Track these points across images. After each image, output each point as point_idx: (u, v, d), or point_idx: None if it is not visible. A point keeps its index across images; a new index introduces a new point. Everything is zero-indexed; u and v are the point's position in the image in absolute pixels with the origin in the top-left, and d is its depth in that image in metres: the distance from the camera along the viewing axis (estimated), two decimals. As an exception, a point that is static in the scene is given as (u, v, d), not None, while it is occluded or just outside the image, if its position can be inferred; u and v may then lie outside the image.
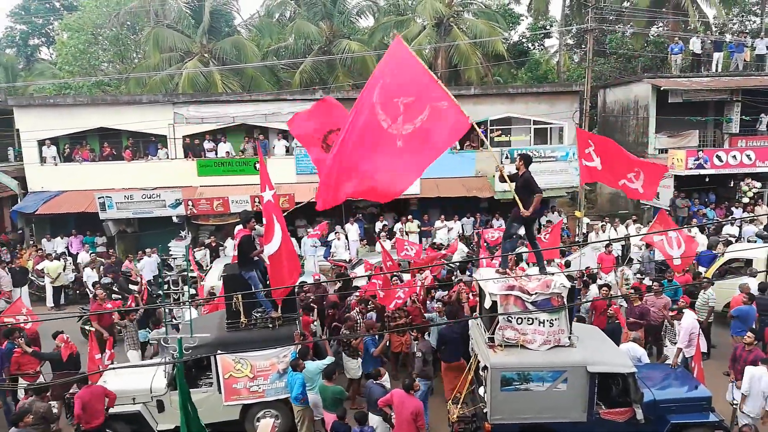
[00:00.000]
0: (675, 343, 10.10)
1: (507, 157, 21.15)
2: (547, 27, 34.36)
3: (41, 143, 20.79)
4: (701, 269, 14.37)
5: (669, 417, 8.22)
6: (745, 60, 22.77)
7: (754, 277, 12.10)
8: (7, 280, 15.45)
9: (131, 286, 14.85)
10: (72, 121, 20.79)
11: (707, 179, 20.40)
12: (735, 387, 8.86)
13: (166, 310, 11.40)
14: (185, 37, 26.29)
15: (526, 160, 8.54)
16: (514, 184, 8.46)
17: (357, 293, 11.90)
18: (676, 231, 11.65)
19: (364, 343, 9.90)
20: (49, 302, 16.45)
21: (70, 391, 9.45)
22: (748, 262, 13.30)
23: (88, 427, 8.50)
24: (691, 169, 19.59)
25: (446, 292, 11.89)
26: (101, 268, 16.18)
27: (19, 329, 10.36)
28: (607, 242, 15.42)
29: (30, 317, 11.46)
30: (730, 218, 18.18)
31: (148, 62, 27.11)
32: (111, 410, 9.03)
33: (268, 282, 9.39)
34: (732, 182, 20.49)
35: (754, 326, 10.21)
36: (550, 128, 22.18)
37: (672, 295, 11.83)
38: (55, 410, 8.70)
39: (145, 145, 21.70)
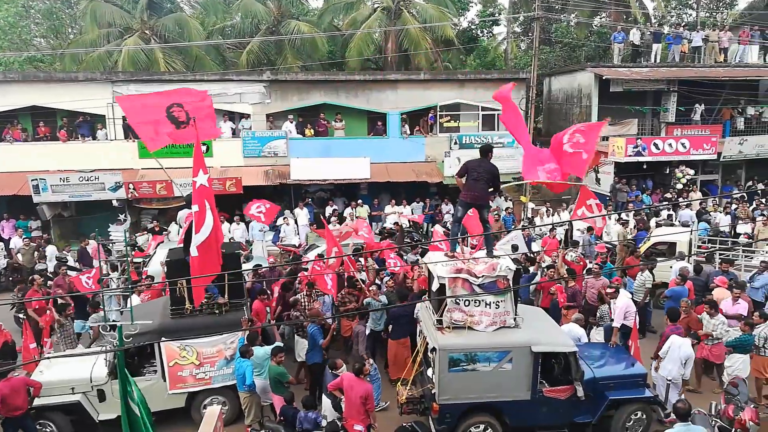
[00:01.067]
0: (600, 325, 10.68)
1: (456, 143, 21.41)
2: (496, 14, 34.74)
3: (-33, 122, 19.53)
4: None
5: (608, 393, 8.58)
6: (682, 51, 23.74)
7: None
8: None
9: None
10: (2, 98, 19.57)
11: (645, 166, 21.25)
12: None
13: (105, 297, 10.97)
14: (125, 13, 25.10)
15: (487, 150, 8.71)
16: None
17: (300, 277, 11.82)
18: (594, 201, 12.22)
19: (309, 332, 9.83)
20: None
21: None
22: (672, 246, 14.05)
23: (9, 415, 8.23)
24: (630, 156, 20.35)
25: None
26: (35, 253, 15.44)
27: None
28: (551, 226, 15.92)
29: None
30: (664, 203, 19.01)
31: (84, 38, 25.74)
32: (48, 401, 8.70)
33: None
34: (668, 169, 21.44)
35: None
36: (497, 115, 22.49)
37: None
38: None
39: (77, 125, 20.63)
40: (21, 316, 11.76)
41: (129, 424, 6.16)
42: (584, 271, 12.42)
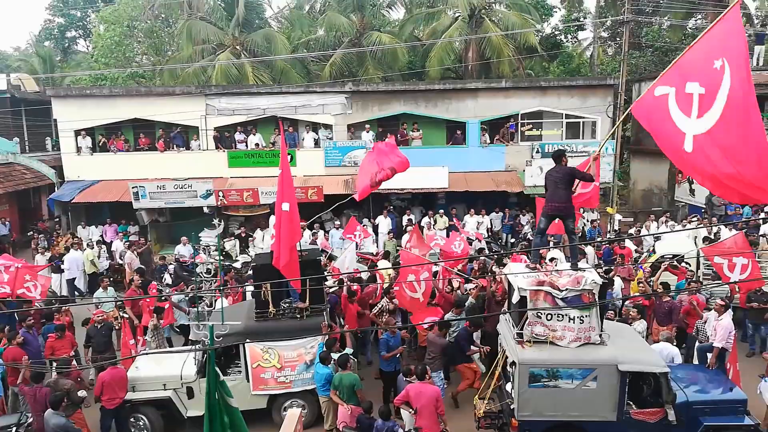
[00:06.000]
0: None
1: (537, 152, 20.88)
2: (581, 19, 33.71)
3: (77, 133, 21.30)
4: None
5: (702, 419, 8.02)
6: (788, 53, 22.00)
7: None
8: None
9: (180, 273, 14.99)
10: (107, 111, 21.23)
11: (747, 176, 19.75)
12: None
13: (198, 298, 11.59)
14: (218, 30, 26.57)
15: (560, 155, 8.47)
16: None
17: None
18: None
19: (381, 341, 9.90)
20: (83, 288, 16.82)
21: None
22: (680, 259, 13.22)
23: (107, 406, 8.87)
24: (729, 165, 18.97)
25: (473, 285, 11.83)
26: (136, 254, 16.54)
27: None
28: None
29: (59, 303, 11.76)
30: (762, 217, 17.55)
31: (181, 54, 27.51)
32: (142, 395, 9.26)
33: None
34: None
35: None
36: (583, 122, 21.80)
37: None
38: (82, 393, 8.93)
39: (173, 136, 21.95)
40: (120, 314, 12.59)
41: (222, 419, 6.41)
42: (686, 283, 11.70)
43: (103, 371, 8.92)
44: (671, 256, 13.17)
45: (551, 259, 11.05)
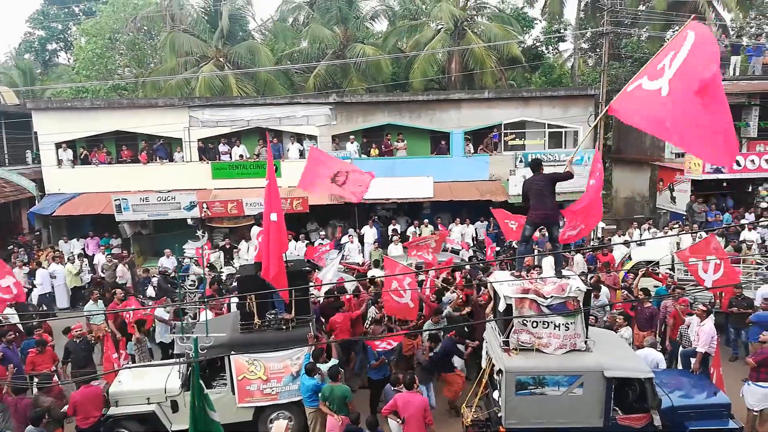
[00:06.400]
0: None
1: (521, 161, 21.08)
2: (562, 30, 34.21)
3: (58, 146, 21.05)
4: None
5: (687, 424, 8.10)
6: (763, 63, 22.47)
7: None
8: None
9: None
10: (89, 124, 21.05)
11: (725, 183, 20.12)
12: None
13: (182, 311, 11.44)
14: (201, 42, 26.52)
15: (537, 164, 8.74)
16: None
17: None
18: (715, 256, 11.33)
19: (369, 350, 9.87)
20: (61, 303, 16.56)
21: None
22: (655, 265, 13.53)
23: (81, 426, 8.66)
24: (708, 173, 19.33)
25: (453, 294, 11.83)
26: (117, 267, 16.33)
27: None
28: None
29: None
30: (750, 222, 17.87)
31: (164, 66, 27.39)
32: (125, 410, 9.11)
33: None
34: (750, 187, 20.19)
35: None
36: (565, 132, 22.06)
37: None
38: (64, 410, 8.76)
39: (156, 148, 21.80)
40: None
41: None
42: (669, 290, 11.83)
43: (76, 390, 8.73)
44: (646, 263, 13.39)
45: (535, 267, 11.12)
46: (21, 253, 18.45)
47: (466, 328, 10.66)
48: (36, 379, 9.83)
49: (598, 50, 32.72)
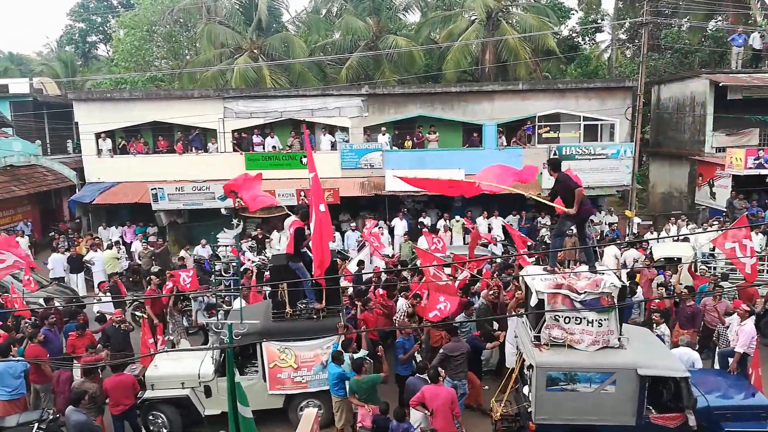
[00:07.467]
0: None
1: (555, 154, 20.72)
2: (599, 21, 33.45)
3: (98, 136, 21.61)
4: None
5: (723, 425, 7.91)
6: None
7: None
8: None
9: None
10: (127, 114, 21.55)
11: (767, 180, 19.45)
12: None
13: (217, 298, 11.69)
14: (236, 34, 26.82)
15: (553, 165, 8.70)
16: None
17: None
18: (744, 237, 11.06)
19: (396, 344, 9.89)
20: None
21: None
22: (677, 261, 13.23)
23: (112, 412, 8.91)
24: (750, 168, 18.71)
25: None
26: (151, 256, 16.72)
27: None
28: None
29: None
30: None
31: (200, 58, 27.84)
32: (160, 394, 9.35)
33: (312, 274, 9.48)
34: (794, 183, 19.46)
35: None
36: (601, 125, 21.61)
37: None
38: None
39: (191, 139, 22.13)
40: (138, 314, 12.74)
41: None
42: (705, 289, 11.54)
43: (109, 377, 8.94)
44: (666, 260, 13.14)
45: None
46: (62, 239, 19.04)
47: (490, 326, 10.57)
48: (75, 362, 10.18)
49: (636, 41, 31.93)
